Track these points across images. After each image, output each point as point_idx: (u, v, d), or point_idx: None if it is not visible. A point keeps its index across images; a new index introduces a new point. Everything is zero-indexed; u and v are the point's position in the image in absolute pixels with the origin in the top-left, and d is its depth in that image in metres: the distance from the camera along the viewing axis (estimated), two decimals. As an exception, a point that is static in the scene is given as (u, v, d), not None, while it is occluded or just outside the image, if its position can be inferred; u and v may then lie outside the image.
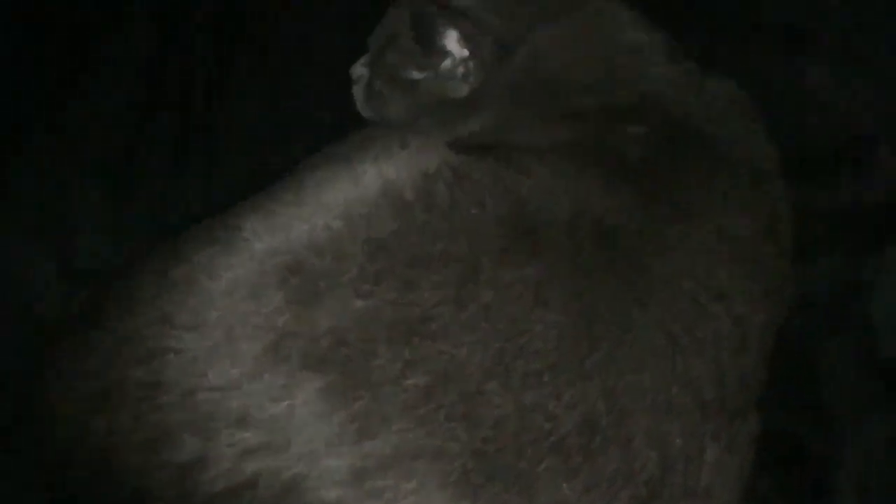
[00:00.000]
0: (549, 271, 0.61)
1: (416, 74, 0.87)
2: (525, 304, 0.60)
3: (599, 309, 0.61)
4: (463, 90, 0.84)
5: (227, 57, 1.03)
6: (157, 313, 0.62)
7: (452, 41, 0.83)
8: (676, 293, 0.64)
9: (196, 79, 1.01)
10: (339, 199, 0.66)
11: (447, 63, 0.84)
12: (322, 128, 0.99)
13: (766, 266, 0.70)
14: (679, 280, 0.64)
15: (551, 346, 0.59)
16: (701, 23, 0.89)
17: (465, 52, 0.83)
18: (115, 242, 0.91)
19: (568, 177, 0.68)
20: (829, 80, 0.77)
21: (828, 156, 0.77)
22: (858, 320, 0.72)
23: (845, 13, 0.77)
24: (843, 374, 0.72)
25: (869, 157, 0.73)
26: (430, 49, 0.83)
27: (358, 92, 0.97)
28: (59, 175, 0.94)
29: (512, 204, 0.66)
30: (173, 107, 1.00)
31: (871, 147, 0.72)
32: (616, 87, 0.79)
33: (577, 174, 0.68)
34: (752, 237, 0.70)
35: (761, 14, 0.85)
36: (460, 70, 0.84)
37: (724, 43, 0.87)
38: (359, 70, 0.97)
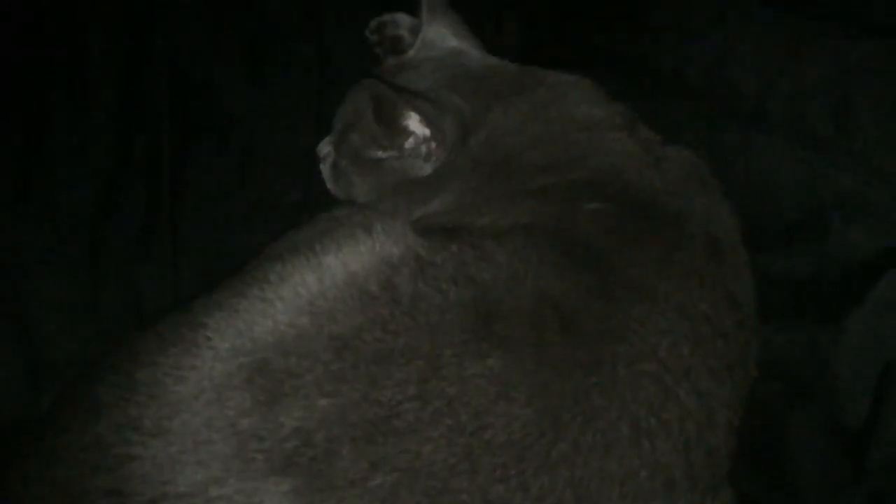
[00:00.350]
0: (512, 361, 0.62)
1: (380, 154, 0.88)
2: (489, 397, 0.60)
3: (564, 397, 0.61)
4: (426, 169, 0.86)
5: (193, 139, 1.03)
6: (122, 418, 0.61)
7: (414, 121, 0.84)
8: (640, 375, 0.64)
9: (162, 162, 1.01)
10: (303, 294, 0.66)
11: (410, 142, 0.85)
12: (290, 207, 1.00)
13: (729, 338, 0.70)
14: (642, 362, 0.64)
15: (517, 437, 0.59)
16: (654, 95, 0.91)
17: (427, 132, 0.84)
18: (83, 333, 0.90)
19: (529, 261, 0.69)
20: (778, 151, 0.79)
21: (781, 227, 0.78)
22: (823, 391, 0.72)
23: (788, 83, 0.78)
24: (810, 447, 0.72)
25: (822, 229, 0.74)
26: (392, 130, 0.85)
27: (325, 170, 0.98)
28: (22, 265, 0.93)
29: (475, 292, 0.66)
30: (138, 192, 1.00)
31: (824, 219, 0.74)
32: (574, 164, 0.80)
33: (538, 258, 0.69)
34: (714, 311, 0.70)
35: (713, 83, 0.86)
36: (423, 149, 0.85)
37: (677, 113, 0.88)
38: (325, 148, 0.98)
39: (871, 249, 0.72)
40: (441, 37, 0.96)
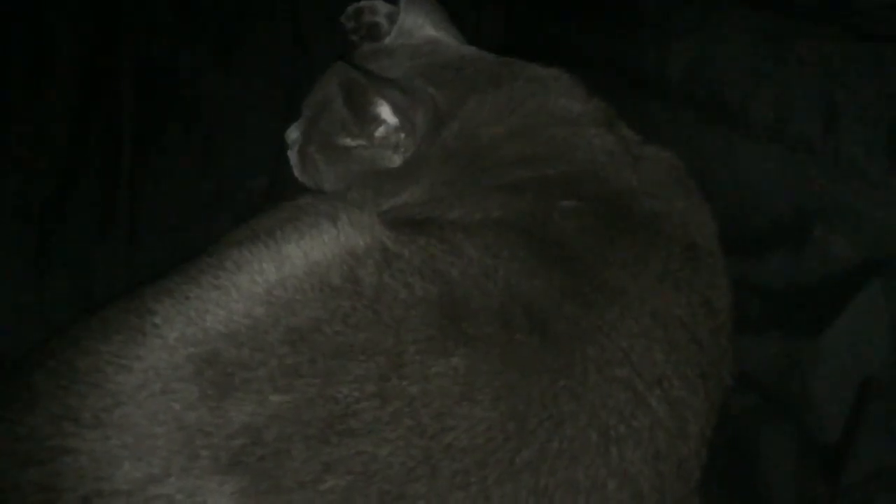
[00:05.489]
0: (477, 361, 0.59)
1: (349, 142, 0.85)
2: (452, 398, 0.57)
3: (531, 401, 0.58)
4: (395, 161, 0.82)
5: (157, 120, 0.99)
6: (59, 409, 0.57)
7: (385, 110, 0.81)
8: (611, 381, 0.61)
9: (123, 142, 0.97)
10: (260, 283, 0.62)
11: (380, 131, 0.82)
12: (256, 194, 0.96)
13: (704, 345, 0.68)
14: (614, 367, 0.61)
15: (479, 442, 0.56)
16: (634, 93, 0.88)
17: (397, 122, 0.81)
18: (28, 321, 0.86)
19: (500, 257, 0.66)
20: (761, 155, 0.76)
21: (762, 234, 0.76)
22: (798, 404, 0.70)
23: (772, 86, 0.76)
24: (783, 462, 0.69)
25: (802, 236, 0.71)
26: (362, 117, 0.81)
27: (293, 157, 0.94)
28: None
29: (442, 287, 0.63)
30: (97, 172, 0.95)
31: (804, 226, 0.71)
32: (550, 159, 0.77)
33: (509, 255, 0.66)
34: (689, 316, 0.67)
35: (696, 84, 0.84)
36: (393, 139, 0.82)
37: (658, 113, 0.86)
38: (293, 134, 0.94)
39: (852, 259, 0.70)
40: (418, 25, 0.93)
